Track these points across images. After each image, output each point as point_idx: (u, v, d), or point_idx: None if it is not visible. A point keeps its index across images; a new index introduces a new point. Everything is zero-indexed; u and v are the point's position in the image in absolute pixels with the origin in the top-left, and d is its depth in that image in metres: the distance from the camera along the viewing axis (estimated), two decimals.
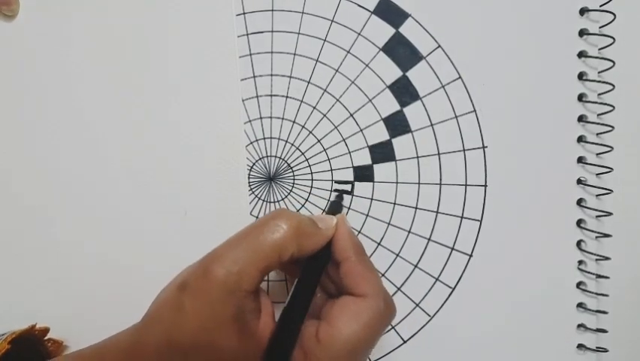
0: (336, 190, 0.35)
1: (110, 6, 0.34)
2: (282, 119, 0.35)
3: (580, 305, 0.35)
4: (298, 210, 0.35)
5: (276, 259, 0.26)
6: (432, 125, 0.35)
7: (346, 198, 0.35)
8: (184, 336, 0.25)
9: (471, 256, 0.35)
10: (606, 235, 0.35)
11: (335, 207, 0.33)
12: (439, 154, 0.35)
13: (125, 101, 0.34)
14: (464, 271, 0.35)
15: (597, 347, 0.35)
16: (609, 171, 0.35)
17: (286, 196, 0.35)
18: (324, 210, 0.35)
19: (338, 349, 0.25)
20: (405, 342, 0.35)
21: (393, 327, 0.35)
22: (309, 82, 0.35)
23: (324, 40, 0.35)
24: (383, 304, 0.27)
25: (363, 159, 0.35)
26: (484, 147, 0.35)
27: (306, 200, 0.35)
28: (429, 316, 0.35)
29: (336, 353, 0.25)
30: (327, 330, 0.26)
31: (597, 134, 0.35)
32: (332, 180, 0.35)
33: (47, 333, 0.33)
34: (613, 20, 0.34)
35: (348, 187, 0.35)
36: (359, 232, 0.35)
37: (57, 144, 0.34)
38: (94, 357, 0.26)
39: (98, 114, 0.34)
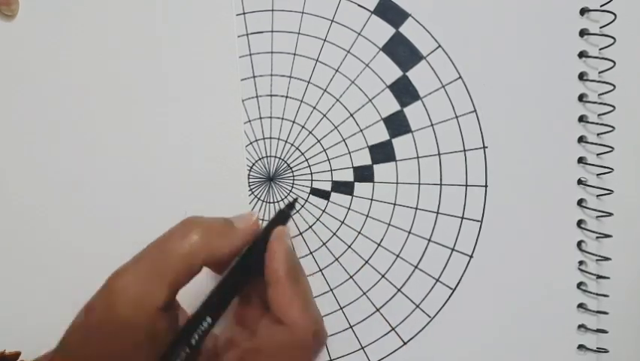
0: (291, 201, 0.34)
1: (109, 6, 0.34)
2: (282, 119, 0.35)
3: (580, 306, 0.35)
4: (298, 211, 0.35)
5: (186, 270, 0.24)
6: (432, 125, 0.35)
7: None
8: None
9: (471, 256, 0.35)
10: (607, 236, 0.35)
11: (279, 217, 0.30)
12: (439, 154, 0.35)
13: (124, 101, 0.34)
14: (464, 272, 0.35)
15: (598, 348, 0.35)
16: (610, 172, 0.35)
17: (286, 196, 0.35)
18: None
19: None
20: (405, 343, 0.35)
21: (393, 328, 0.35)
22: (309, 82, 0.35)
23: (324, 40, 0.35)
24: (312, 337, 0.26)
25: (363, 159, 0.35)
26: (484, 147, 0.35)
27: (306, 200, 0.35)
28: (429, 317, 0.35)
29: None
30: (253, 359, 0.25)
31: (598, 134, 0.35)
32: (332, 181, 0.35)
33: (19, 357, 0.32)
34: (613, 20, 0.34)
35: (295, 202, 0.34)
36: (359, 232, 0.35)
37: (56, 144, 0.34)
38: None
39: (97, 114, 0.34)
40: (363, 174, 0.35)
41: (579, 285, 0.35)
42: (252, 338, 0.26)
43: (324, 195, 0.35)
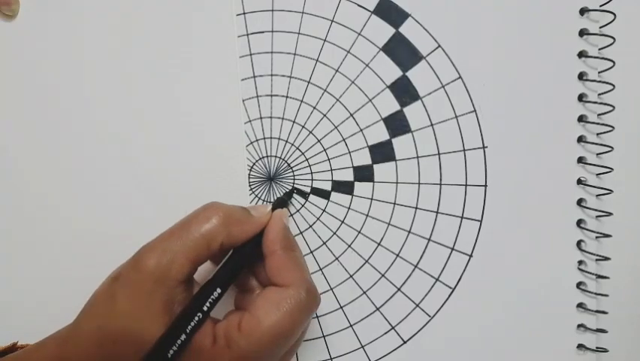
0: (295, 190, 0.35)
1: (109, 6, 0.34)
2: (282, 119, 0.35)
3: (580, 305, 0.35)
4: (298, 211, 0.35)
5: (205, 249, 0.27)
6: (432, 125, 0.35)
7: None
8: (114, 324, 0.26)
9: (471, 256, 0.35)
10: (606, 235, 0.35)
11: (279, 203, 0.33)
12: (439, 154, 0.35)
13: (124, 101, 0.34)
14: (464, 271, 0.35)
15: (597, 348, 0.35)
16: (609, 171, 0.35)
17: None
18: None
19: (258, 337, 0.26)
20: (405, 343, 0.35)
21: (393, 327, 0.35)
22: (309, 82, 0.35)
23: (324, 40, 0.35)
24: (305, 294, 0.27)
25: (363, 159, 0.35)
26: (484, 147, 0.35)
27: (306, 200, 0.35)
28: (429, 316, 0.35)
29: (257, 341, 0.26)
30: (248, 319, 0.26)
31: (597, 134, 0.35)
32: (332, 180, 0.35)
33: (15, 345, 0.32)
34: (613, 20, 0.34)
35: (306, 190, 0.35)
36: (359, 232, 0.35)
37: (56, 144, 0.34)
38: (35, 349, 0.28)
39: (97, 114, 0.34)
40: (363, 173, 0.35)
41: (579, 285, 0.35)
42: (249, 308, 0.27)
43: (324, 194, 0.35)
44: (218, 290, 0.27)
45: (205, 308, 0.27)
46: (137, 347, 0.25)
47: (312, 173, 0.35)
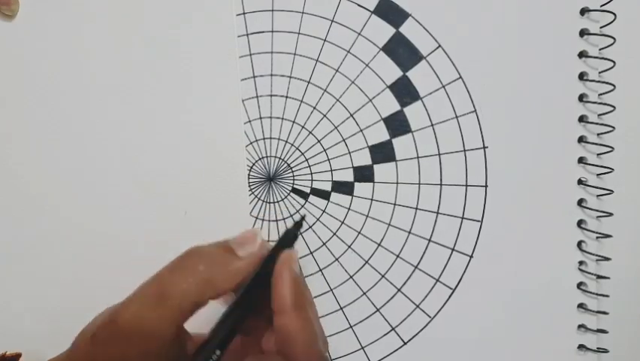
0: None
1: (109, 6, 0.34)
2: (282, 119, 0.35)
3: (580, 306, 0.35)
4: (298, 211, 0.35)
5: (192, 307, 0.24)
6: (432, 125, 0.35)
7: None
8: None
9: (471, 257, 0.35)
10: (607, 236, 0.35)
11: (286, 238, 0.28)
12: (439, 154, 0.35)
13: (124, 101, 0.34)
14: (465, 272, 0.35)
15: (598, 348, 0.35)
16: (610, 172, 0.35)
17: (286, 197, 0.35)
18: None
19: None
20: (405, 343, 0.35)
21: (393, 328, 0.35)
22: (309, 82, 0.35)
23: (324, 40, 0.35)
24: None
25: (363, 159, 0.35)
26: (484, 147, 0.35)
27: (306, 200, 0.35)
28: (429, 317, 0.35)
29: None
30: None
31: (598, 134, 0.35)
32: (332, 181, 0.35)
33: (19, 358, 0.32)
34: (613, 20, 0.34)
35: (301, 215, 0.34)
36: (359, 232, 0.35)
37: (56, 144, 0.34)
38: None
39: (96, 114, 0.34)
40: (363, 174, 0.35)
41: (579, 285, 0.35)
42: None
43: (324, 195, 0.35)
44: (217, 352, 0.24)
45: None
46: None
47: (311, 173, 0.35)
